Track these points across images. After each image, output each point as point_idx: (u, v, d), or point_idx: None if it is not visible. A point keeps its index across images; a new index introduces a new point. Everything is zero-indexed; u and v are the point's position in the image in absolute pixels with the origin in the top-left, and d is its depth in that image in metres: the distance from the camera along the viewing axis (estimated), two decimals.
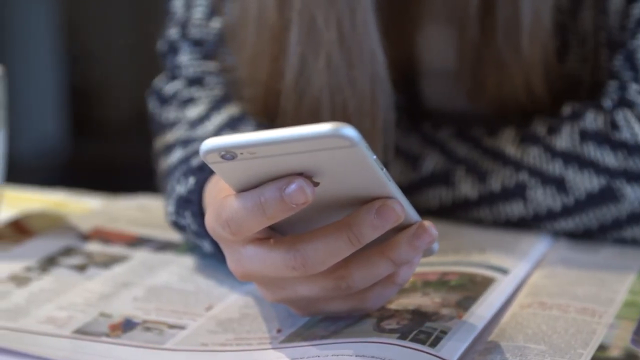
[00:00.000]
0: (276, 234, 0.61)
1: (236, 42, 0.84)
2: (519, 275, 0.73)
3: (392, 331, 0.62)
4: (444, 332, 0.62)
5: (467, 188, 0.82)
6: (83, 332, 0.66)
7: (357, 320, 0.64)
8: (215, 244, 0.74)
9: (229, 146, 0.54)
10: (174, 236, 0.82)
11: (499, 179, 0.81)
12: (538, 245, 0.79)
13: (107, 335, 0.65)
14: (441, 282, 0.70)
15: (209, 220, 0.60)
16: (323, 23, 0.76)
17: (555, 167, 0.79)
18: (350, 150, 0.54)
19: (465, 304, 0.66)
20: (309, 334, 0.63)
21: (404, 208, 0.58)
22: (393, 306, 0.66)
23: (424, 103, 0.89)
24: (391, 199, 0.58)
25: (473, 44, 0.82)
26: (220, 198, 0.59)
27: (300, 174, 0.56)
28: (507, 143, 0.82)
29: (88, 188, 1.00)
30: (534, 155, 0.80)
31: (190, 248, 0.80)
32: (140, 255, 0.79)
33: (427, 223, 0.60)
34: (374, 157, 0.55)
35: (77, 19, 3.56)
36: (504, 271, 0.73)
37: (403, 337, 0.61)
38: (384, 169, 0.57)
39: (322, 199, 0.58)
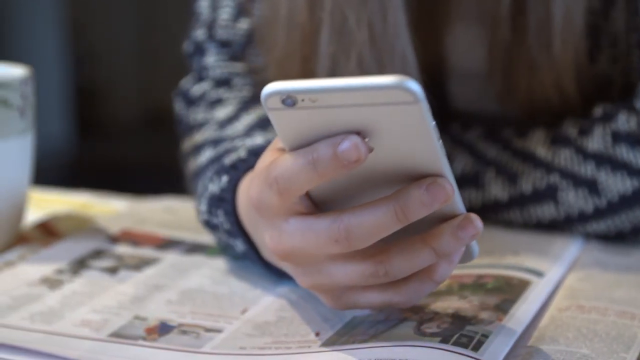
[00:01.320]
0: (320, 211, 0.60)
1: (266, 43, 0.83)
2: (554, 278, 0.72)
3: (433, 335, 0.61)
4: (485, 336, 0.61)
5: (497, 190, 0.82)
6: (119, 335, 0.65)
7: (396, 323, 0.64)
8: (247, 242, 0.73)
9: (291, 90, 0.53)
10: (204, 238, 0.82)
11: (530, 180, 0.81)
12: (571, 248, 0.78)
13: (144, 339, 0.65)
14: (477, 285, 0.70)
15: (255, 189, 0.59)
16: (355, 23, 0.76)
17: (587, 169, 0.79)
18: (411, 108, 0.53)
19: (503, 307, 0.66)
20: (349, 337, 0.63)
21: (454, 189, 0.57)
22: (431, 309, 0.65)
23: (452, 104, 0.89)
24: (442, 177, 0.57)
25: (504, 44, 0.82)
26: (269, 161, 0.59)
27: (356, 133, 0.55)
28: (538, 144, 0.81)
29: (94, 188, 0.99)
30: (565, 157, 0.80)
31: (222, 250, 0.79)
32: (171, 258, 0.79)
33: (473, 215, 0.59)
34: (434, 122, 0.54)
35: (82, 19, 3.56)
36: (539, 274, 0.72)
37: (445, 340, 0.60)
38: (440, 141, 0.56)
39: (373, 170, 0.57)
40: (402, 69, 0.78)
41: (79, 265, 0.77)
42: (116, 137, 3.55)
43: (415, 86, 0.52)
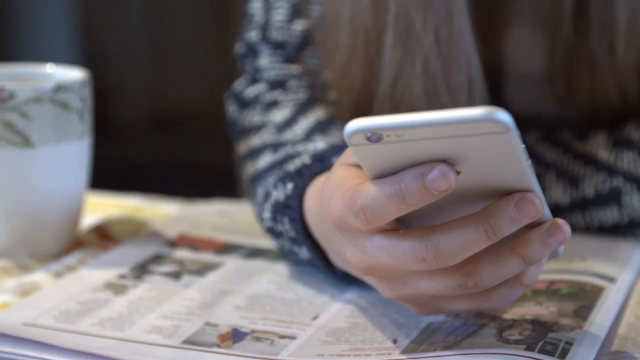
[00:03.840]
0: (403, 227, 0.59)
1: (327, 46, 0.82)
2: (626, 284, 0.71)
3: (516, 342, 0.60)
4: (569, 343, 0.60)
5: (558, 193, 0.81)
6: (192, 342, 0.64)
7: (476, 330, 0.63)
8: (313, 250, 0.72)
9: (377, 127, 0.52)
10: (262, 243, 0.81)
11: (592, 184, 0.80)
12: (637, 252, 0.77)
13: (218, 346, 0.64)
14: (551, 291, 0.69)
15: (336, 209, 0.58)
16: (421, 27, 0.75)
17: None
18: (501, 137, 0.52)
19: (582, 314, 0.65)
20: (428, 345, 0.62)
21: (543, 204, 0.56)
22: (510, 316, 0.64)
23: (508, 107, 0.87)
24: (530, 192, 0.56)
25: (565, 46, 0.81)
26: (351, 185, 0.57)
27: (443, 161, 0.54)
28: (600, 147, 0.80)
29: (103, 188, 0.99)
30: (628, 160, 0.79)
31: (284, 255, 0.78)
32: (232, 263, 0.78)
33: (561, 221, 0.58)
34: (523, 146, 0.53)
35: (93, 20, 3.55)
36: (610, 279, 0.71)
37: (530, 348, 0.59)
38: (529, 161, 0.55)
39: (459, 190, 0.56)
40: (467, 73, 0.77)
41: (141, 270, 0.76)
42: (126, 137, 3.54)
43: (505, 117, 0.51)
